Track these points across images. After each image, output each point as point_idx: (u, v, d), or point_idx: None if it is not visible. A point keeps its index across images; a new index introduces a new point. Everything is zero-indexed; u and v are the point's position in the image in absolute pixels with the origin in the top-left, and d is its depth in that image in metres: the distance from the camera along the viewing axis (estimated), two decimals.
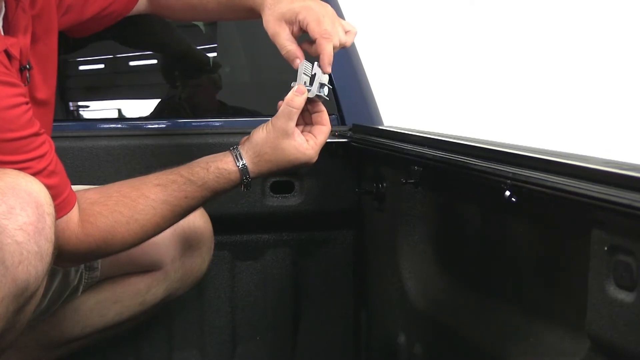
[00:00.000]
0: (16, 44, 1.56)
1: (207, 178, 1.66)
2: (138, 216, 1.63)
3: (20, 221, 1.39)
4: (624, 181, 1.20)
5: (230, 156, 1.68)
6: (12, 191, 1.40)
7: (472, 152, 1.56)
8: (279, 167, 1.69)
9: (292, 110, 1.65)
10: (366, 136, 1.94)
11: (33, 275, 1.41)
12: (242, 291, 2.15)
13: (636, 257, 1.21)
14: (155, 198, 1.64)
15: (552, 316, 1.48)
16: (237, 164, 1.67)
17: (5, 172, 1.43)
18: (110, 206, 1.62)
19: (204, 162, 1.68)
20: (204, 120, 2.15)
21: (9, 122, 1.46)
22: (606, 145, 3.90)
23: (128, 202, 1.63)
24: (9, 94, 1.47)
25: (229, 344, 2.16)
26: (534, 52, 5.81)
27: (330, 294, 2.19)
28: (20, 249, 1.39)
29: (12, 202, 1.40)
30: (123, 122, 2.14)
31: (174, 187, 1.65)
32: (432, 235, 1.89)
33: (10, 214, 1.39)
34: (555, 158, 1.37)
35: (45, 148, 1.52)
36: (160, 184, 1.65)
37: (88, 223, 1.59)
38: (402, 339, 1.97)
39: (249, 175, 1.67)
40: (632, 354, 1.22)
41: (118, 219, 1.61)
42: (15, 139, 1.47)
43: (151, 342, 2.12)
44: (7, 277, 1.37)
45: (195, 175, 1.66)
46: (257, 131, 1.68)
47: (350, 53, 2.20)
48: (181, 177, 1.66)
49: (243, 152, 1.67)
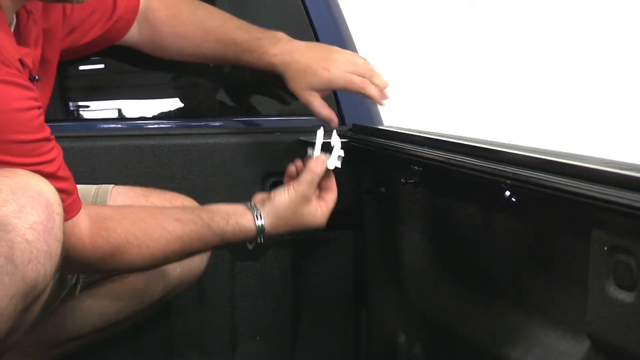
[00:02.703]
0: (29, 54, 1.59)
1: (225, 229, 1.72)
2: (150, 243, 1.66)
3: (30, 220, 1.40)
4: (624, 181, 1.19)
5: (250, 214, 1.75)
6: (22, 190, 1.41)
7: (472, 152, 1.56)
8: (293, 229, 1.80)
9: (314, 178, 1.78)
10: (366, 136, 1.94)
11: (42, 274, 1.42)
12: (242, 291, 2.15)
13: (636, 257, 1.21)
14: (171, 231, 1.67)
15: (552, 316, 1.48)
16: (256, 223, 1.74)
17: (16, 171, 1.44)
18: (124, 225, 1.64)
19: (224, 213, 1.73)
20: (204, 120, 2.15)
21: (21, 124, 1.48)
22: (606, 145, 3.90)
23: (144, 227, 1.66)
24: (23, 96, 1.49)
25: (229, 344, 2.16)
26: (534, 52, 5.81)
27: (330, 294, 2.19)
28: (30, 247, 1.39)
29: (23, 201, 1.41)
30: (123, 122, 2.14)
31: (191, 227, 1.69)
32: (432, 235, 1.89)
33: (21, 213, 1.40)
34: (555, 158, 1.37)
35: (54, 154, 1.54)
36: (178, 220, 1.69)
37: (99, 236, 1.61)
38: (402, 339, 1.97)
39: (263, 235, 1.75)
40: (632, 354, 1.22)
41: (130, 240, 1.64)
42: (26, 142, 1.48)
43: (151, 342, 2.12)
44: (16, 275, 1.38)
45: (215, 223, 1.71)
46: (280, 195, 1.77)
47: None
48: (200, 220, 1.70)
49: (263, 212, 1.75)
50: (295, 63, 1.89)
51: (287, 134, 2.09)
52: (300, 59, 1.89)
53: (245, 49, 1.92)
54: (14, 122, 1.47)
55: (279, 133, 2.10)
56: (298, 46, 1.92)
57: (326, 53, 1.91)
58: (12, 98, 1.47)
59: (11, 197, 1.40)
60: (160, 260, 1.71)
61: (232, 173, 2.06)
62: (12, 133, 1.46)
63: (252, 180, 2.07)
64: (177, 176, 2.03)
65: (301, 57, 1.89)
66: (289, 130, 2.09)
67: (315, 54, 1.91)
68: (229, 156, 2.06)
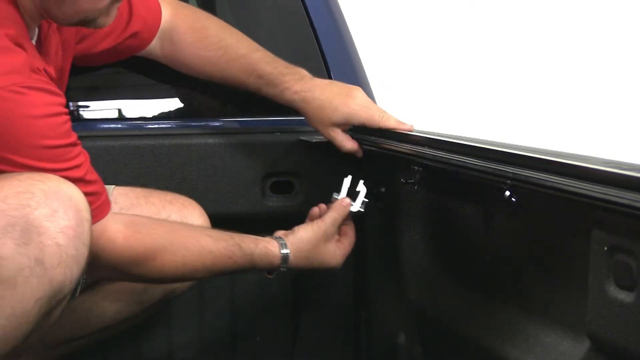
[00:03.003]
0: (51, 65, 1.62)
1: (254, 252, 1.76)
2: (185, 252, 1.69)
3: (61, 224, 1.44)
4: (624, 181, 1.19)
5: (276, 242, 1.79)
6: (54, 195, 1.45)
7: (472, 152, 1.56)
8: (312, 266, 1.84)
9: (338, 218, 1.84)
10: (366, 136, 1.94)
11: (69, 278, 1.45)
12: (242, 291, 2.15)
13: (636, 257, 1.21)
14: (204, 244, 1.71)
15: (552, 316, 1.48)
16: (281, 251, 1.78)
17: (48, 176, 1.48)
18: (160, 232, 1.69)
19: (252, 238, 1.78)
20: (204, 120, 2.15)
21: (50, 129, 1.51)
22: (606, 145, 3.90)
23: (179, 236, 1.70)
24: (51, 102, 1.52)
25: (229, 344, 2.16)
26: (534, 52, 5.81)
27: (330, 294, 2.19)
28: (60, 251, 1.43)
29: (55, 205, 1.44)
30: (123, 122, 2.14)
31: (223, 244, 1.73)
32: (432, 235, 1.89)
33: (53, 217, 1.43)
34: (555, 158, 1.37)
35: (82, 158, 1.56)
36: (211, 236, 1.73)
37: (132, 238, 1.64)
38: (402, 339, 1.97)
39: (287, 264, 1.79)
40: (632, 354, 1.22)
41: (165, 246, 1.67)
42: (55, 147, 1.51)
43: (151, 342, 2.12)
44: (44, 278, 1.42)
45: (245, 244, 1.75)
46: (303, 229, 1.82)
47: (350, 53, 2.20)
48: (231, 239, 1.74)
49: (288, 243, 1.79)
50: (316, 100, 1.92)
51: (287, 134, 2.09)
52: (320, 95, 1.93)
53: (268, 83, 1.95)
54: (43, 128, 1.50)
55: (279, 133, 2.10)
56: (319, 83, 1.95)
57: (345, 89, 1.95)
58: (41, 104, 1.50)
59: (44, 200, 1.43)
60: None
61: (232, 173, 2.06)
62: (41, 138, 1.49)
63: (252, 180, 2.07)
64: (177, 176, 2.03)
65: (321, 94, 1.93)
66: (289, 130, 2.09)
67: (335, 90, 1.94)
68: (229, 156, 2.06)
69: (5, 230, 1.41)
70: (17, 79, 1.47)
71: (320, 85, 1.95)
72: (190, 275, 1.76)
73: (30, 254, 1.41)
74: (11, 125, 1.47)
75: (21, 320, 1.42)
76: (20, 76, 1.48)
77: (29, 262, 1.41)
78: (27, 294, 1.41)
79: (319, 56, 2.16)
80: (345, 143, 1.94)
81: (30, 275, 1.40)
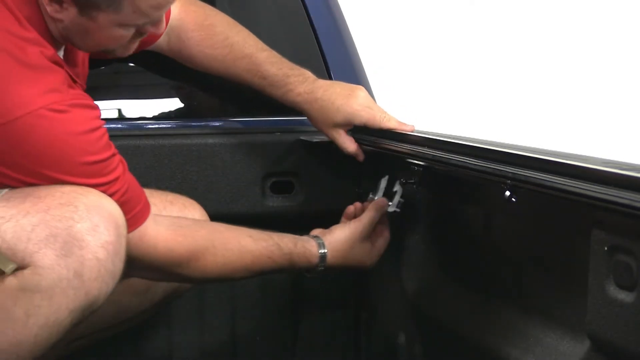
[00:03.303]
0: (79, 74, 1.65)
1: (294, 251, 1.79)
2: (226, 253, 1.72)
3: (102, 239, 1.47)
4: (624, 181, 1.19)
5: (314, 242, 1.82)
6: (96, 209, 1.48)
7: (472, 152, 1.56)
8: (348, 265, 1.86)
9: (374, 217, 1.86)
10: (366, 136, 1.94)
11: (103, 292, 1.48)
12: (242, 291, 2.15)
13: (636, 257, 1.21)
14: (245, 244, 1.74)
15: (552, 316, 1.48)
16: (320, 251, 1.81)
17: (89, 190, 1.50)
18: (202, 234, 1.72)
19: (291, 237, 1.81)
20: (204, 120, 2.15)
21: (90, 144, 1.53)
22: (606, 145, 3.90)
23: (221, 237, 1.73)
24: (90, 117, 1.54)
25: (229, 343, 2.16)
26: (534, 52, 5.81)
27: (330, 293, 2.19)
28: (99, 265, 1.46)
29: (97, 220, 1.47)
30: (123, 122, 2.14)
31: (263, 244, 1.76)
32: (432, 235, 1.89)
33: (95, 231, 1.46)
34: (555, 158, 1.37)
35: (120, 170, 1.58)
36: (251, 237, 1.77)
37: (174, 241, 1.67)
38: (402, 339, 1.97)
39: (324, 264, 1.82)
40: (632, 354, 1.22)
41: (207, 247, 1.71)
42: (95, 162, 1.53)
43: (151, 342, 2.12)
44: (81, 290, 1.44)
45: (284, 243, 1.78)
46: (340, 228, 1.85)
47: (351, 53, 2.20)
48: (271, 239, 1.77)
49: (325, 242, 1.83)
50: (318, 101, 1.93)
51: (287, 134, 2.09)
52: (322, 96, 1.93)
53: (272, 84, 1.96)
54: (85, 144, 1.51)
55: (279, 133, 2.10)
56: (322, 84, 1.95)
57: (348, 90, 1.95)
58: (81, 121, 1.52)
59: (86, 214, 1.46)
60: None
61: (232, 173, 2.06)
62: (82, 155, 1.51)
63: (252, 180, 2.07)
64: (177, 176, 2.03)
65: (324, 95, 1.93)
66: (289, 130, 2.09)
67: (338, 90, 1.94)
68: (229, 156, 2.06)
69: (47, 241, 1.44)
70: (56, 97, 1.49)
71: (323, 86, 1.95)
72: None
73: (70, 266, 1.44)
74: (53, 143, 1.49)
75: (52, 330, 1.45)
76: (60, 94, 1.50)
77: (68, 274, 1.44)
78: (62, 305, 1.44)
79: (319, 56, 2.16)
80: (348, 145, 1.94)
81: (68, 287, 1.43)
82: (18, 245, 1.43)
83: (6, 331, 1.43)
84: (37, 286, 1.42)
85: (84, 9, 1.50)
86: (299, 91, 1.94)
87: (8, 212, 1.46)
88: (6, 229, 1.44)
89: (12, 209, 1.46)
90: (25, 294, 1.42)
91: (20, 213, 1.46)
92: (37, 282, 1.42)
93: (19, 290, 1.42)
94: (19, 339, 1.43)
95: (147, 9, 1.53)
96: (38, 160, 1.49)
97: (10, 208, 1.46)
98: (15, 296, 1.42)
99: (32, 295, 1.42)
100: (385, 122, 1.89)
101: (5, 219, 1.45)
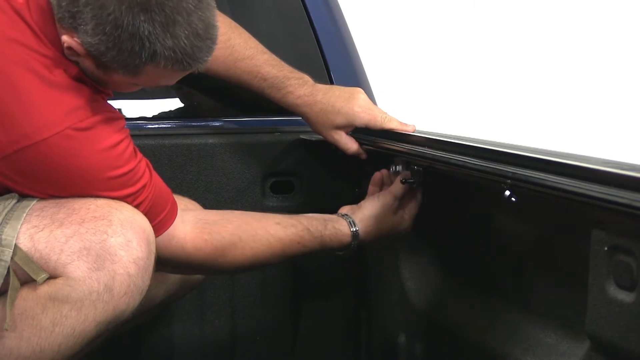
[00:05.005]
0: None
1: (324, 233, 1.80)
2: (254, 244, 1.74)
3: (134, 255, 1.49)
4: (624, 181, 1.19)
5: (344, 220, 1.84)
6: (129, 225, 1.50)
7: (472, 152, 1.56)
8: (382, 236, 1.86)
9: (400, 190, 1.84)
10: (366, 136, 1.94)
11: (130, 307, 1.50)
12: (242, 291, 2.15)
13: (636, 257, 1.21)
14: (273, 233, 1.76)
15: (552, 316, 1.48)
16: (352, 229, 1.82)
17: (123, 205, 1.52)
18: (229, 229, 1.72)
19: (320, 219, 1.83)
20: (204, 120, 2.15)
21: (116, 159, 1.53)
22: (606, 145, 3.90)
23: (248, 229, 1.74)
24: (113, 130, 1.54)
25: (229, 343, 2.16)
26: (536, 53, 5.81)
27: (330, 293, 2.19)
28: (130, 281, 1.48)
29: (130, 235, 1.49)
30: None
31: (292, 230, 1.77)
32: (432, 235, 1.89)
33: (127, 247, 1.48)
34: (555, 158, 1.37)
35: (147, 176, 1.59)
36: (280, 224, 1.77)
37: (201, 239, 1.68)
38: (402, 339, 1.97)
39: (358, 241, 1.83)
40: (632, 354, 1.22)
41: (234, 242, 1.72)
42: (122, 175, 1.54)
43: (151, 342, 2.12)
44: (110, 304, 1.46)
45: (314, 227, 1.79)
46: (370, 202, 1.86)
47: (351, 54, 2.20)
48: (300, 224, 1.78)
49: (356, 219, 1.84)
50: (318, 103, 1.93)
51: (287, 134, 2.09)
52: (322, 99, 1.94)
53: (272, 86, 1.96)
54: (111, 159, 1.52)
55: (279, 133, 2.10)
56: (321, 87, 1.96)
57: (347, 92, 1.96)
58: (105, 136, 1.52)
59: (120, 229, 1.48)
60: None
61: (232, 173, 2.06)
62: (109, 170, 1.52)
63: (252, 180, 2.07)
64: (177, 176, 2.03)
65: (323, 97, 1.94)
66: (289, 130, 2.09)
67: (337, 93, 1.95)
68: (229, 156, 2.06)
69: (81, 253, 1.45)
70: (81, 115, 1.49)
71: (322, 89, 1.96)
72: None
73: (101, 280, 1.45)
74: (80, 163, 1.50)
75: (77, 340, 1.47)
76: (84, 111, 1.50)
77: (99, 287, 1.45)
78: (90, 317, 1.45)
79: (319, 56, 2.16)
80: (350, 145, 1.94)
81: (97, 300, 1.45)
82: (51, 256, 1.45)
83: (31, 338, 1.45)
84: (67, 297, 1.44)
85: (100, 67, 1.50)
86: (299, 94, 1.95)
87: (42, 222, 1.47)
88: (39, 238, 1.46)
89: (46, 219, 1.48)
90: (55, 303, 1.44)
91: (54, 223, 1.47)
92: (68, 293, 1.44)
93: (49, 299, 1.44)
94: (42, 346, 1.45)
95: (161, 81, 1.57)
96: (66, 178, 1.50)
97: (43, 218, 1.48)
98: (44, 305, 1.44)
99: (61, 305, 1.44)
100: (387, 122, 1.90)
101: (39, 228, 1.47)
